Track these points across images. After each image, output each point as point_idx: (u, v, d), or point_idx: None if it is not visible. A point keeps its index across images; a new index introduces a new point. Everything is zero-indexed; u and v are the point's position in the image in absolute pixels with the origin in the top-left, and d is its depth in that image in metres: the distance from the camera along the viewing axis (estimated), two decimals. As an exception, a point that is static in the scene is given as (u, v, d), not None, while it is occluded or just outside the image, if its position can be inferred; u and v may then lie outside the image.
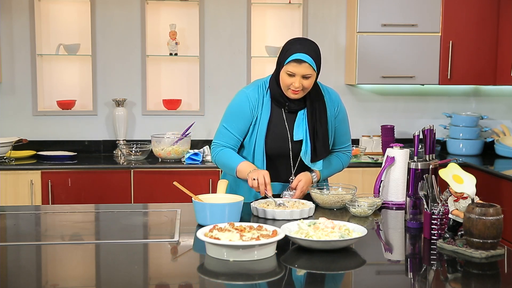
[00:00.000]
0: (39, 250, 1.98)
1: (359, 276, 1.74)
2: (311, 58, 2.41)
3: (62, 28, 4.49)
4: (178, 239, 2.03)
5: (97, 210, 2.57)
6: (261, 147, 2.52)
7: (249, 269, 1.71)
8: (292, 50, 2.42)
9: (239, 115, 2.54)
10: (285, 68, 2.43)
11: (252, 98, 2.53)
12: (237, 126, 2.55)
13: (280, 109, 2.55)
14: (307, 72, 2.41)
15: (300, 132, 2.53)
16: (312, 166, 2.54)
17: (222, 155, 2.56)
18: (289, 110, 2.54)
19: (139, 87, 4.53)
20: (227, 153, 2.55)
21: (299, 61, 2.40)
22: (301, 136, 2.52)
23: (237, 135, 2.55)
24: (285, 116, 2.55)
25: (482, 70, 4.36)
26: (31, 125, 4.48)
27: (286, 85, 2.45)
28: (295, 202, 2.40)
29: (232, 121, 2.56)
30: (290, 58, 2.41)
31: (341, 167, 2.71)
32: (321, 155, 2.54)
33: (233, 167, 2.51)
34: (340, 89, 4.66)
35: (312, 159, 2.52)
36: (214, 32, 4.54)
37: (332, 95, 2.64)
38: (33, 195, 3.90)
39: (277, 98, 2.53)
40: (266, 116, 2.53)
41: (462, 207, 1.91)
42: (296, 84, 2.42)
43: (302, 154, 2.52)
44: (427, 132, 2.32)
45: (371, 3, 4.27)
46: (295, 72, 2.41)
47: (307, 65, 2.40)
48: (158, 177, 3.99)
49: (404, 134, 4.69)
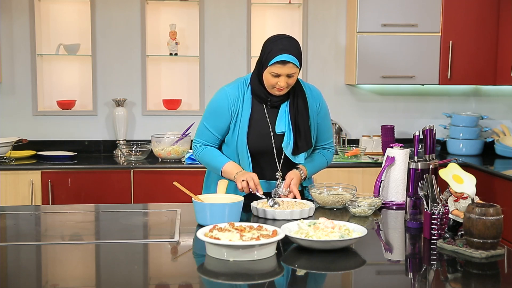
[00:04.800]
0: (39, 250, 1.98)
1: (359, 276, 1.74)
2: (295, 57, 2.40)
3: (62, 28, 4.49)
4: (178, 239, 2.03)
5: (97, 210, 2.57)
6: (243, 143, 2.50)
7: (249, 269, 1.71)
8: (275, 51, 2.39)
9: (217, 113, 2.53)
10: (270, 69, 2.41)
11: (232, 96, 2.52)
12: (215, 124, 2.54)
13: (262, 104, 2.54)
14: (292, 71, 2.40)
15: (282, 124, 2.51)
16: (293, 159, 2.52)
17: (205, 154, 2.57)
18: (272, 105, 2.53)
19: (139, 87, 4.53)
20: (211, 152, 2.56)
21: (284, 63, 2.38)
22: (283, 128, 2.51)
23: (216, 133, 2.55)
24: (267, 112, 2.54)
25: (482, 70, 4.36)
26: (31, 125, 4.48)
27: (271, 85, 2.44)
28: (295, 202, 2.40)
29: (211, 119, 2.56)
30: (274, 60, 2.38)
31: (325, 164, 2.71)
32: (302, 147, 2.51)
33: (218, 168, 2.52)
34: (340, 89, 4.67)
35: (294, 151, 2.51)
36: (214, 32, 4.54)
37: (314, 92, 2.63)
38: (33, 195, 3.90)
39: (258, 94, 2.52)
40: (247, 112, 2.51)
41: (462, 207, 1.91)
42: (282, 83, 2.41)
43: (283, 145, 2.50)
44: (427, 132, 2.32)
45: (371, 3, 4.27)
46: (280, 73, 2.40)
47: (291, 65, 2.39)
48: (158, 177, 3.98)
49: (404, 134, 4.69)
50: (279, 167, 2.56)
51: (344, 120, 4.68)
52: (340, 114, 4.67)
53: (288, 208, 2.31)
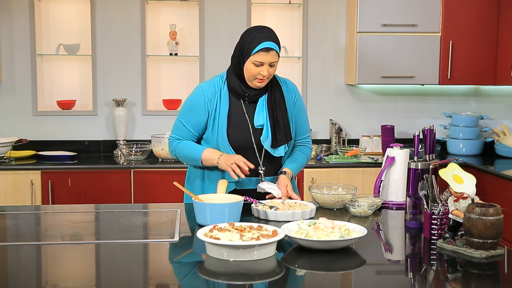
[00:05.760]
0: (39, 250, 1.98)
1: (359, 276, 1.74)
2: (276, 45, 2.43)
3: (62, 28, 4.49)
4: (178, 239, 2.03)
5: (97, 210, 2.57)
6: (224, 139, 2.49)
7: (249, 269, 1.71)
8: (258, 39, 2.41)
9: (193, 110, 2.53)
10: (252, 58, 2.42)
11: (208, 92, 2.52)
12: (191, 121, 2.54)
13: (239, 100, 2.54)
14: (274, 59, 2.43)
15: (260, 118, 2.51)
16: (273, 152, 2.51)
17: (181, 148, 2.55)
18: (249, 100, 2.53)
19: (139, 87, 4.53)
20: (186, 145, 2.54)
21: (268, 49, 2.40)
22: (262, 122, 2.51)
23: (192, 130, 2.54)
24: (245, 107, 2.53)
25: (482, 70, 4.36)
26: (31, 125, 4.48)
27: (253, 75, 2.45)
28: (296, 203, 2.39)
29: (187, 115, 2.55)
30: (259, 47, 2.40)
31: (306, 161, 2.70)
32: (281, 140, 2.51)
33: (197, 157, 2.50)
34: (340, 89, 4.67)
35: (273, 144, 2.50)
36: (214, 32, 4.55)
37: (289, 85, 2.65)
38: (33, 195, 3.90)
39: (235, 90, 2.52)
40: (225, 108, 2.51)
41: (462, 207, 1.91)
42: (265, 72, 2.42)
43: (262, 139, 2.50)
44: (427, 132, 2.32)
45: (371, 3, 4.27)
46: (264, 61, 2.41)
47: (274, 52, 2.42)
48: (158, 177, 3.99)
49: (404, 134, 4.69)
50: (260, 161, 2.55)
51: (344, 120, 4.68)
52: (340, 114, 4.67)
53: (289, 210, 2.30)
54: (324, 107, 4.62)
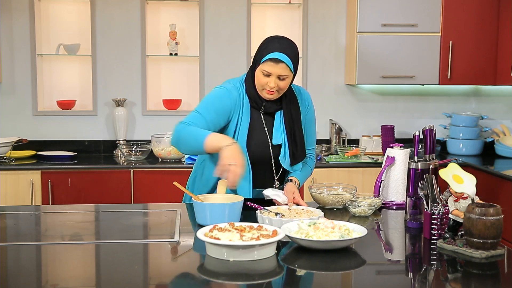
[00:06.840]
0: (39, 250, 1.98)
1: (359, 276, 1.74)
2: (289, 58, 2.31)
3: (62, 28, 4.49)
4: (178, 239, 2.03)
5: (97, 210, 2.57)
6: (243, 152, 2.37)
7: (249, 269, 1.71)
8: (269, 49, 2.33)
9: (217, 107, 2.38)
10: (261, 67, 2.33)
11: (234, 97, 2.41)
12: (211, 117, 2.37)
13: (258, 111, 2.46)
14: (284, 73, 2.32)
15: (279, 136, 2.46)
16: (290, 169, 2.49)
17: (188, 129, 2.33)
18: (266, 112, 2.46)
19: (139, 87, 4.53)
20: (193, 129, 2.33)
21: (276, 61, 2.30)
22: (280, 141, 2.46)
23: (209, 122, 2.36)
24: (264, 120, 2.46)
25: (482, 70, 4.36)
26: (31, 125, 4.48)
27: (261, 85, 2.37)
28: (303, 209, 2.34)
29: (208, 109, 2.38)
30: (267, 57, 2.31)
31: (310, 173, 2.66)
32: (300, 157, 2.49)
33: (203, 134, 2.28)
34: (340, 89, 4.67)
35: (292, 162, 2.47)
36: (214, 32, 4.55)
37: (304, 95, 2.58)
38: (33, 195, 3.90)
39: (254, 99, 2.43)
40: (247, 120, 2.42)
41: (462, 207, 1.91)
42: (271, 84, 2.33)
43: (280, 158, 2.46)
44: (427, 132, 2.32)
45: (371, 3, 4.27)
46: (271, 72, 2.32)
47: (284, 65, 2.31)
48: (158, 177, 3.99)
49: (404, 134, 4.69)
50: (276, 176, 2.52)
51: (344, 120, 4.68)
52: (340, 114, 4.67)
53: (296, 217, 2.24)
54: (324, 107, 4.62)
